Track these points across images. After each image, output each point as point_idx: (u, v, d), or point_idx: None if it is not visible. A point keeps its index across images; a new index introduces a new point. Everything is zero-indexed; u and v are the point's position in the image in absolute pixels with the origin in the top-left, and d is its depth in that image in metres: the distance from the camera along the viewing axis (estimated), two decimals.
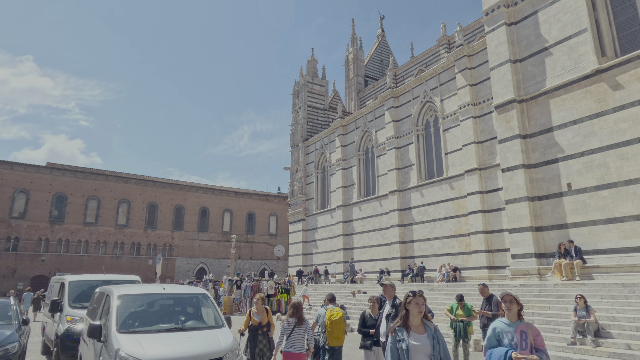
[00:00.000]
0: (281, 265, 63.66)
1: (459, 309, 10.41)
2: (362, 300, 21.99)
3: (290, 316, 7.20)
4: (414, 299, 4.02)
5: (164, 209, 58.91)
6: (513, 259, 18.65)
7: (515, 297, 4.25)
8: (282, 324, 7.23)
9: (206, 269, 60.02)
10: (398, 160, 32.73)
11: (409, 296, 4.08)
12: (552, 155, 17.91)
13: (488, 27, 20.65)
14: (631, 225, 15.34)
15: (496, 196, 25.21)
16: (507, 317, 4.27)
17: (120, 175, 56.52)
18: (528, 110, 18.99)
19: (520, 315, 4.27)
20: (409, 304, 4.03)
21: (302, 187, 44.15)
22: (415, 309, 3.98)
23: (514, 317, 4.25)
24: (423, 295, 4.11)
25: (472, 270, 25.81)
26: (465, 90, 27.43)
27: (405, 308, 4.06)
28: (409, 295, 4.10)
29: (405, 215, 31.60)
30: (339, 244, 37.57)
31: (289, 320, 7.18)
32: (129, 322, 6.35)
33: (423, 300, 4.07)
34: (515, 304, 4.23)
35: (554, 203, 17.67)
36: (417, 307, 3.98)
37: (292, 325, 7.07)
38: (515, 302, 4.23)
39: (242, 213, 64.57)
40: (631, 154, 15.55)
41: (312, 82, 45.89)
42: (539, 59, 18.73)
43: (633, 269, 14.92)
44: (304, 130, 44.80)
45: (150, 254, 57.71)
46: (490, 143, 26.03)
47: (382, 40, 49.28)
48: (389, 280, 7.64)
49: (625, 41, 16.60)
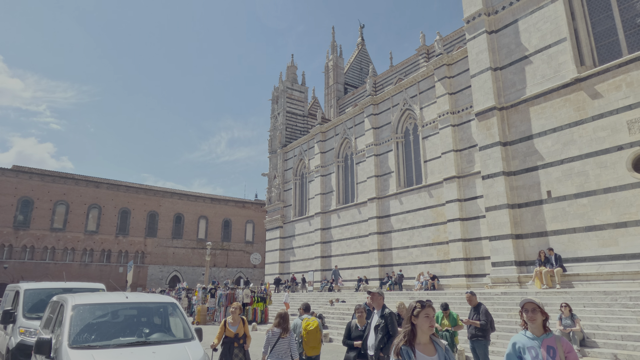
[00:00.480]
0: (257, 273, 62.41)
1: (445, 318, 9.94)
2: (341, 310, 21.37)
3: (276, 326, 6.88)
4: (422, 310, 3.30)
5: (136, 215, 56.98)
6: (493, 266, 18.43)
7: (539, 305, 3.58)
8: (266, 334, 6.93)
9: (180, 277, 58.22)
10: (377, 167, 32.46)
11: (416, 307, 3.34)
12: (532, 163, 17.84)
13: (469, 35, 20.63)
14: (610, 233, 15.31)
15: (474, 204, 25.16)
16: (530, 330, 3.58)
17: (91, 180, 54.40)
18: (508, 117, 18.94)
19: (547, 327, 3.59)
20: (417, 317, 3.29)
21: (280, 194, 43.38)
22: (426, 323, 3.27)
23: (538, 329, 3.56)
24: (433, 306, 3.43)
25: (450, 278, 25.61)
26: (444, 98, 27.44)
27: (410, 322, 3.32)
28: (415, 306, 3.35)
29: (384, 222, 31.27)
30: (317, 252, 36.91)
31: (274, 330, 6.87)
32: (83, 336, 5.55)
33: (433, 312, 3.39)
34: (540, 313, 3.55)
35: (534, 210, 17.56)
36: (427, 320, 3.28)
37: (276, 335, 6.79)
38: (540, 311, 3.55)
39: (218, 220, 63.12)
40: (610, 162, 15.57)
41: (292, 88, 45.39)
42: (519, 67, 18.75)
43: (612, 277, 14.84)
44: (282, 136, 44.15)
45: (121, 261, 55.61)
46: (468, 151, 26.04)
47: (362, 49, 49.35)
48: (377, 288, 7.09)
49: (603, 51, 16.75)
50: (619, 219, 15.12)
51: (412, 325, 3.31)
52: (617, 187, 15.29)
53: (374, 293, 6.96)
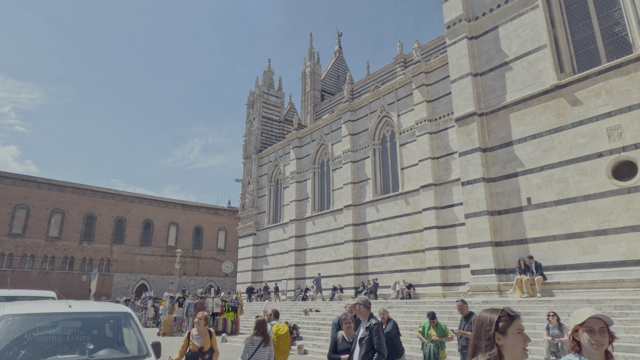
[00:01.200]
0: (229, 282, 60.53)
1: (431, 328, 9.16)
2: (316, 319, 20.40)
3: (256, 335, 6.48)
4: (512, 324, 2.10)
5: (103, 221, 54.32)
6: (473, 274, 17.93)
7: (607, 324, 2.36)
8: (245, 342, 6.51)
9: (148, 286, 55.70)
10: (354, 174, 31.86)
11: (502, 319, 2.11)
12: (512, 169, 17.54)
13: (449, 40, 20.36)
14: (590, 240, 15.04)
15: (451, 212, 24.83)
16: (587, 356, 2.34)
17: (54, 183, 51.51)
18: (488, 123, 18.65)
19: (610, 355, 2.41)
20: (504, 334, 2.08)
21: (253, 200, 42.13)
22: (520, 343, 2.07)
23: (601, 358, 2.36)
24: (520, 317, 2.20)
25: (426, 287, 25.10)
26: (422, 106, 27.18)
27: (492, 340, 2.09)
28: (500, 317, 2.11)
29: (360, 230, 30.59)
30: (291, 260, 35.81)
31: (253, 338, 6.46)
32: (9, 353, 4.45)
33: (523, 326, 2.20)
34: (608, 335, 2.35)
35: (514, 218, 17.20)
36: (520, 339, 2.08)
37: (256, 344, 6.40)
38: (608, 332, 2.35)
39: (189, 227, 61.00)
40: (590, 169, 15.38)
41: (268, 93, 44.47)
42: (500, 73, 18.53)
43: (593, 285, 14.52)
44: (257, 142, 43.06)
45: (85, 269, 52.74)
46: (445, 159, 25.78)
47: (339, 57, 49.06)
48: (362, 297, 6.27)
49: (583, 59, 16.69)
50: (599, 227, 14.88)
51: (497, 348, 2.07)
52: (597, 194, 15.07)
53: (353, 305, 6.19)
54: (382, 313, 7.85)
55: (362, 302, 6.17)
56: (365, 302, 6.19)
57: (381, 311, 7.91)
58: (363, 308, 6.11)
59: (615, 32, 15.94)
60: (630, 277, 13.73)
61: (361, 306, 6.13)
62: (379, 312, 7.80)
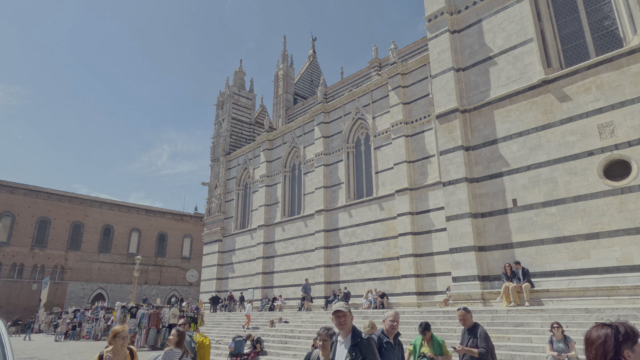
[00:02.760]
0: (193, 291, 57.06)
1: (425, 344, 7.30)
2: (283, 332, 18.23)
3: (176, 346, 5.79)
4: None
5: (58, 226, 50.11)
6: (454, 282, 16.33)
7: None
8: (164, 353, 5.77)
9: (105, 295, 51.65)
10: (326, 178, 30.09)
11: (628, 335, 1.61)
12: (496, 169, 16.19)
13: (430, 34, 19.06)
14: (581, 245, 13.74)
15: (427, 217, 23.43)
16: None
17: (4, 184, 47.13)
18: (471, 121, 17.32)
19: None
20: (634, 352, 1.64)
21: (220, 205, 39.57)
22: None
23: None
24: None
25: (400, 296, 23.47)
26: (398, 108, 25.86)
27: None
28: (627, 331, 1.60)
29: (331, 236, 28.74)
30: (259, 268, 33.45)
31: (174, 350, 5.74)
32: None
33: None
34: None
35: (499, 220, 15.79)
36: None
37: (176, 356, 5.71)
38: None
39: (152, 233, 57.33)
40: (580, 169, 14.17)
41: (239, 94, 42.29)
42: (483, 68, 17.30)
43: (585, 293, 13.16)
44: (226, 144, 40.66)
45: (36, 277, 48.36)
46: (422, 163, 24.45)
47: (313, 61, 47.62)
48: (345, 305, 4.39)
49: (570, 53, 15.64)
50: (591, 230, 13.62)
51: None
52: (588, 195, 13.85)
53: (342, 312, 4.27)
54: (393, 321, 5.79)
55: (347, 309, 4.31)
56: (348, 309, 4.33)
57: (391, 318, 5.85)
58: (343, 320, 4.28)
59: (605, 26, 14.98)
60: (625, 284, 12.45)
61: (348, 316, 4.29)
62: (389, 319, 5.80)
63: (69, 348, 23.22)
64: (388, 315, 5.65)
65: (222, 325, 25.42)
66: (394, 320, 5.66)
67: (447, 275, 21.63)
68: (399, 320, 5.73)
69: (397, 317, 5.74)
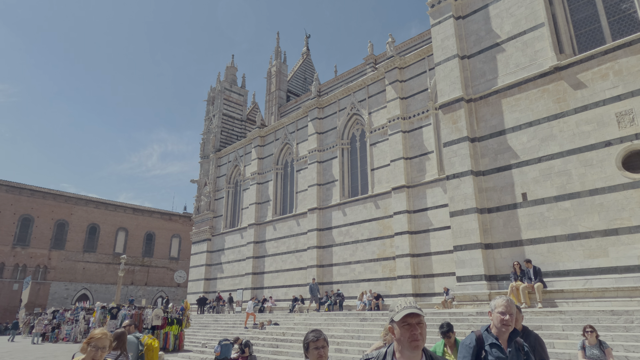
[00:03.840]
0: (181, 292, 55.07)
1: (447, 351, 5.96)
2: (274, 334, 16.73)
3: (114, 349, 5.19)
4: None
5: (41, 224, 47.85)
6: (459, 282, 15.03)
7: None
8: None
9: (90, 296, 49.47)
10: (320, 175, 28.72)
11: None
12: (504, 162, 14.97)
13: (434, 20, 17.86)
14: (598, 242, 12.55)
15: (424, 216, 22.20)
16: None
17: None
18: (477, 110, 16.11)
19: None
20: None
21: (210, 203, 37.91)
22: None
23: None
24: None
25: (396, 297, 22.14)
26: (395, 103, 24.66)
27: None
28: None
29: (324, 235, 27.33)
30: (248, 268, 31.86)
31: (111, 353, 5.09)
32: None
33: None
34: None
35: (507, 216, 14.56)
36: None
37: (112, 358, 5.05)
38: None
39: (139, 233, 55.22)
40: (596, 160, 13.01)
41: (230, 90, 40.76)
42: (490, 56, 16.13)
43: (604, 294, 11.94)
44: (216, 140, 39.06)
45: (17, 276, 46.03)
46: (419, 159, 23.24)
47: (307, 59, 46.32)
48: (410, 304, 2.47)
49: (584, 39, 14.54)
50: (609, 226, 12.43)
51: None
52: (605, 189, 12.67)
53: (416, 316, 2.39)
54: (504, 313, 3.40)
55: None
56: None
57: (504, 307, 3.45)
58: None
59: (622, 9, 13.90)
60: None
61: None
62: (498, 309, 3.40)
63: (44, 351, 21.48)
64: (496, 304, 3.42)
65: (209, 328, 23.81)
66: (506, 313, 3.33)
67: (446, 276, 20.42)
68: (514, 312, 3.38)
69: (510, 307, 3.37)
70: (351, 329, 14.38)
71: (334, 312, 19.32)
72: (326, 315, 18.30)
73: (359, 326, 14.51)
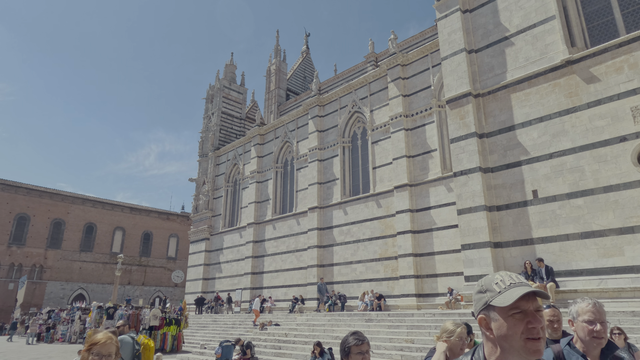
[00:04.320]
0: (179, 292, 54.34)
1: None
2: (276, 335, 16.15)
3: None
4: None
5: (37, 223, 47.08)
6: (467, 281, 14.52)
7: None
8: None
9: (86, 296, 48.71)
10: (320, 173, 28.16)
11: None
12: (514, 158, 14.47)
13: (440, 13, 17.36)
14: (613, 240, 12.06)
15: (427, 215, 21.69)
16: None
17: None
18: (485, 106, 15.61)
19: None
20: None
21: (208, 202, 37.27)
22: None
23: None
24: None
25: (398, 298, 21.63)
26: (397, 100, 24.15)
27: None
28: None
29: (325, 235, 26.78)
30: (247, 268, 31.25)
31: None
32: None
33: None
34: None
35: (517, 214, 14.05)
36: None
37: None
38: None
39: (137, 232, 54.48)
40: (610, 156, 12.53)
41: (229, 88, 40.17)
42: (498, 50, 15.64)
43: (620, 295, 11.45)
44: (215, 139, 38.44)
45: (13, 276, 45.26)
46: (422, 158, 22.74)
47: (307, 57, 45.80)
48: (519, 278, 3.51)
49: (596, 32, 14.08)
50: (624, 224, 11.94)
51: None
52: (620, 185, 12.19)
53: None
54: (592, 322, 2.57)
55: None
56: None
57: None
58: None
59: (636, 1, 13.44)
60: None
61: None
62: (584, 317, 2.57)
63: (38, 352, 20.83)
64: (580, 310, 2.62)
65: (207, 328, 23.20)
66: (595, 321, 2.56)
67: (449, 276, 19.94)
68: (605, 319, 2.61)
69: (601, 313, 2.61)
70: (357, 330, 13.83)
71: (338, 313, 18.75)
72: (330, 315, 17.74)
73: (365, 327, 13.96)
